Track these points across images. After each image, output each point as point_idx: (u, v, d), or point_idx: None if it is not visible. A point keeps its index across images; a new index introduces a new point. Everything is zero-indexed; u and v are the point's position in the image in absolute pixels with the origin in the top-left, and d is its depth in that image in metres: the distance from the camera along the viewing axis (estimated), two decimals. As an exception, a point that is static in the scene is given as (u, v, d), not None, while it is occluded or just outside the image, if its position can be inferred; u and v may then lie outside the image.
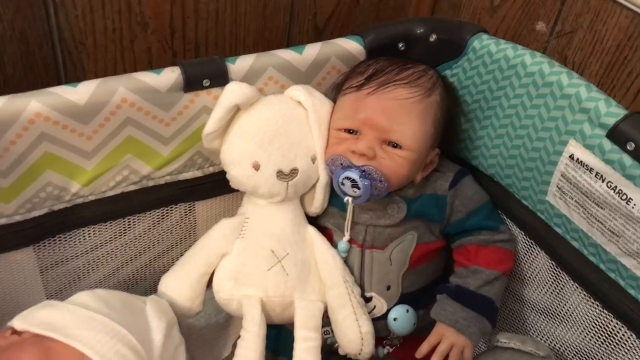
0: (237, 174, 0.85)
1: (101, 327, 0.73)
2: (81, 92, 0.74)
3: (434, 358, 0.82)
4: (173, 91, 0.79)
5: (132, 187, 0.86)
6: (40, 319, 0.74)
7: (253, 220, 0.88)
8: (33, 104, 0.71)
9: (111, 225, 0.88)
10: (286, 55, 0.85)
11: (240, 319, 0.85)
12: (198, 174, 0.91)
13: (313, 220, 0.93)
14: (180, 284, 0.87)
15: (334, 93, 0.90)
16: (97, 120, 0.76)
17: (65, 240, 0.86)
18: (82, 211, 0.84)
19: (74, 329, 0.72)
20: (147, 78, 0.77)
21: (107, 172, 0.82)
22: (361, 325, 0.85)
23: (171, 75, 0.78)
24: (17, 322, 0.74)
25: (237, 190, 0.93)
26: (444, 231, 0.90)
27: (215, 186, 0.93)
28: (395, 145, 0.82)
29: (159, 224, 0.93)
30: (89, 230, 0.87)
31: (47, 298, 0.89)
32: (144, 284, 0.98)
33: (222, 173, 0.90)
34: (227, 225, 0.88)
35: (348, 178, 0.81)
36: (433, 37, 0.90)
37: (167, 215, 0.93)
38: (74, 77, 0.95)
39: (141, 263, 0.95)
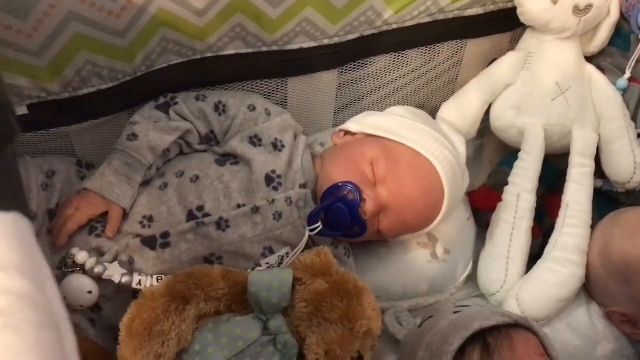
0: (535, 7, 0.91)
1: (425, 133, 0.85)
2: None
3: None
4: None
5: (426, 19, 0.94)
6: (371, 123, 0.87)
7: (537, 54, 0.95)
8: None
9: (399, 56, 0.98)
10: None
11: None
12: (480, 11, 0.97)
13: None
14: (463, 111, 0.97)
15: None
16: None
17: (363, 65, 0.97)
18: (384, 38, 0.94)
19: (404, 132, 0.84)
20: None
21: (415, 2, 0.91)
22: (636, 155, 0.92)
23: None
24: (352, 125, 0.88)
25: (508, 31, 1.00)
26: None
27: (490, 25, 1.00)
28: None
29: (434, 58, 1.02)
30: (382, 58, 0.97)
31: (335, 114, 1.02)
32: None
33: (501, 12, 0.96)
34: (515, 58, 0.95)
35: (651, 13, 0.85)
36: None
37: (441, 52, 1.02)
38: None
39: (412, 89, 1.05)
